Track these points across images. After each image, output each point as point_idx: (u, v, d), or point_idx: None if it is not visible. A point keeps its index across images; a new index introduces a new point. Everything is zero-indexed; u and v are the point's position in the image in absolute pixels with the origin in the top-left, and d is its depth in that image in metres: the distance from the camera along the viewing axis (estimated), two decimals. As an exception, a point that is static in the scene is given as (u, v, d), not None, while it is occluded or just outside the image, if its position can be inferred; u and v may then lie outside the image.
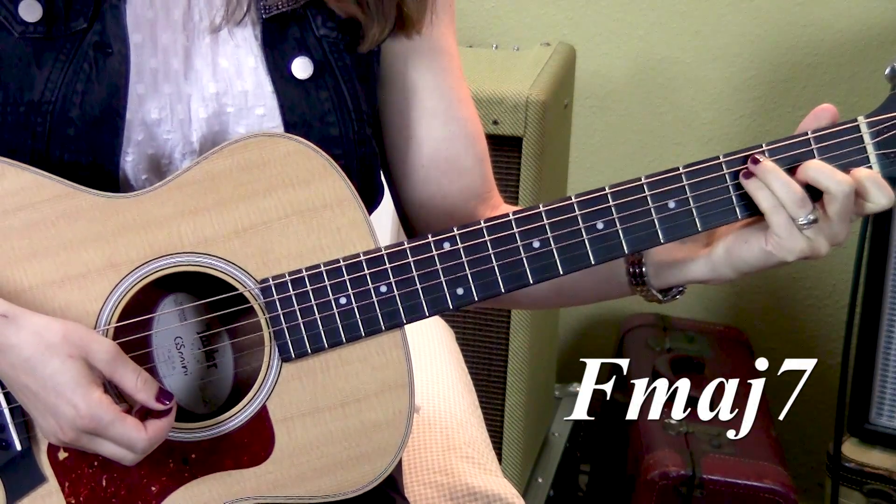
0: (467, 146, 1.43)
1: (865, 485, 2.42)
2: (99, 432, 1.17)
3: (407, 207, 1.46)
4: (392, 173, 1.46)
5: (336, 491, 1.27)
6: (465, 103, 1.44)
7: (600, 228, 1.26)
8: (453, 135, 1.42)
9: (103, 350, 1.18)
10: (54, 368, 1.16)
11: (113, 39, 1.26)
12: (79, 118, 1.24)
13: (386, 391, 1.26)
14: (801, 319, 3.02)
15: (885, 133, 1.24)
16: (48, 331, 1.17)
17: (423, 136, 1.42)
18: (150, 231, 1.23)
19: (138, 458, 1.19)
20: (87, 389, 1.16)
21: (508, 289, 1.26)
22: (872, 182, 1.22)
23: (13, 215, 1.22)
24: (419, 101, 1.42)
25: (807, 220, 1.22)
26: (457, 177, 1.43)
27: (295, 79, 1.31)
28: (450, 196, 1.43)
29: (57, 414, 1.17)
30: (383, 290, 1.25)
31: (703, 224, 1.26)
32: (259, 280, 1.24)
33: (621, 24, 2.94)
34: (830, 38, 2.84)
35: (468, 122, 1.44)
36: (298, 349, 1.25)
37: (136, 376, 1.18)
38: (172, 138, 1.29)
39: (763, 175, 1.23)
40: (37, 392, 1.17)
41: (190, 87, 1.30)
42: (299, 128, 1.30)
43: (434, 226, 1.43)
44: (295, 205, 1.25)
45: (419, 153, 1.42)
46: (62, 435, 1.18)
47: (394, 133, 1.43)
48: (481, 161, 1.45)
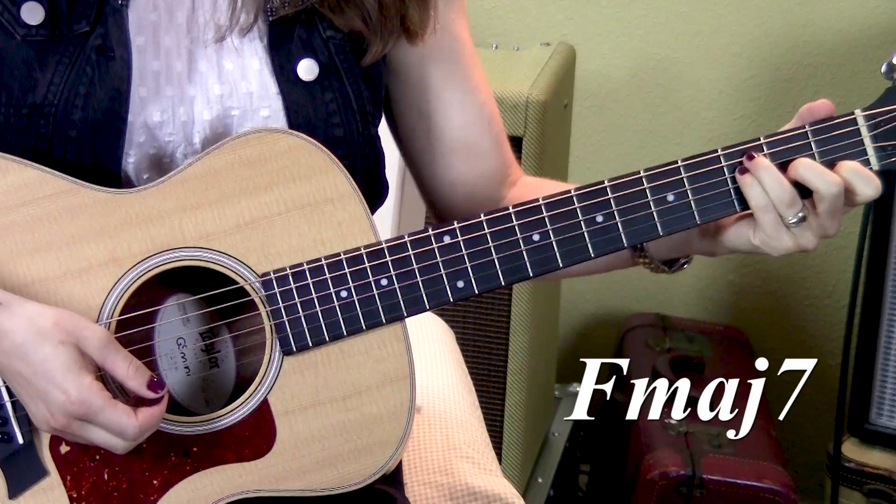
0: (483, 132, 1.46)
1: (865, 485, 2.42)
2: (89, 418, 1.17)
3: (430, 195, 1.49)
4: (413, 163, 1.48)
5: (338, 484, 1.27)
6: (480, 88, 1.46)
7: (599, 221, 1.26)
8: (470, 122, 1.45)
9: (95, 336, 1.18)
10: (46, 354, 1.17)
11: (115, 44, 1.26)
12: (81, 121, 1.25)
13: (387, 384, 1.27)
14: (801, 319, 3.02)
15: (882, 126, 1.25)
16: (41, 317, 1.18)
17: (441, 126, 1.44)
18: (152, 226, 1.24)
19: (129, 445, 1.20)
20: (78, 375, 1.17)
21: (508, 282, 1.27)
22: (857, 176, 1.24)
23: (16, 211, 1.22)
24: (435, 93, 1.43)
25: (796, 219, 1.24)
26: (476, 162, 1.46)
27: (300, 80, 1.31)
28: (470, 181, 1.46)
29: (48, 399, 1.17)
30: (384, 284, 1.26)
31: (701, 217, 1.27)
32: (260, 274, 1.25)
33: (621, 24, 2.94)
34: (830, 37, 2.84)
35: (484, 106, 1.46)
36: (299, 342, 1.25)
37: (127, 363, 1.19)
38: (174, 140, 1.30)
39: (756, 171, 1.24)
40: (28, 378, 1.17)
41: (194, 89, 1.30)
42: (304, 129, 1.30)
43: (457, 210, 1.46)
44: (296, 199, 1.25)
45: (438, 143, 1.45)
46: (53, 421, 1.18)
47: (411, 125, 1.45)
48: (499, 143, 1.48)
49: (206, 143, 1.30)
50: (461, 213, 1.46)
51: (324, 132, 1.31)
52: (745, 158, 1.25)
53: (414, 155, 1.48)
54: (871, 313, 2.42)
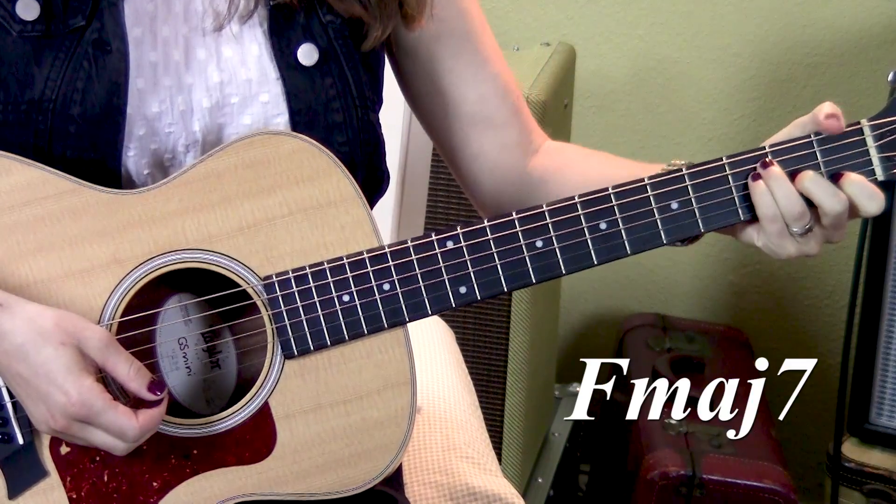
0: (499, 103, 1.46)
1: (865, 485, 2.42)
2: (90, 420, 1.17)
3: (457, 170, 1.50)
4: (436, 139, 1.50)
5: (338, 488, 1.27)
6: (493, 60, 1.46)
7: (603, 228, 1.26)
8: (485, 96, 1.45)
9: (96, 337, 1.18)
10: (47, 355, 1.16)
11: (112, 37, 1.26)
12: (80, 116, 1.24)
13: (388, 389, 1.27)
14: (801, 319, 3.02)
15: (887, 136, 1.25)
16: (41, 318, 1.18)
17: (456, 102, 1.45)
18: (155, 227, 1.24)
19: (129, 447, 1.20)
20: (79, 376, 1.17)
21: (511, 288, 1.26)
22: (862, 191, 1.24)
23: (19, 210, 1.22)
24: (447, 70, 1.44)
25: (801, 230, 1.24)
26: (494, 134, 1.46)
27: (301, 65, 1.31)
28: (492, 153, 1.47)
29: (48, 401, 1.17)
30: (386, 288, 1.25)
31: (705, 225, 1.27)
32: (262, 277, 1.25)
33: (621, 24, 2.94)
34: (830, 37, 2.84)
35: (498, 78, 1.46)
36: (301, 346, 1.25)
37: (128, 365, 1.19)
38: (174, 131, 1.30)
39: (769, 180, 1.24)
40: (28, 379, 1.17)
41: (192, 77, 1.30)
42: (304, 114, 1.30)
43: (483, 182, 1.48)
44: (299, 202, 1.25)
45: (455, 119, 1.46)
46: (53, 422, 1.18)
47: (428, 103, 1.47)
48: (516, 112, 1.48)
49: (207, 132, 1.30)
50: (487, 187, 1.48)
51: (324, 117, 1.31)
52: (760, 165, 1.25)
53: (435, 132, 1.49)
54: (871, 313, 2.42)
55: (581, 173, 1.43)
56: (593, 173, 1.41)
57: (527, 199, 1.45)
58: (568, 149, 1.51)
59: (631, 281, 3.01)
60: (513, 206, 1.38)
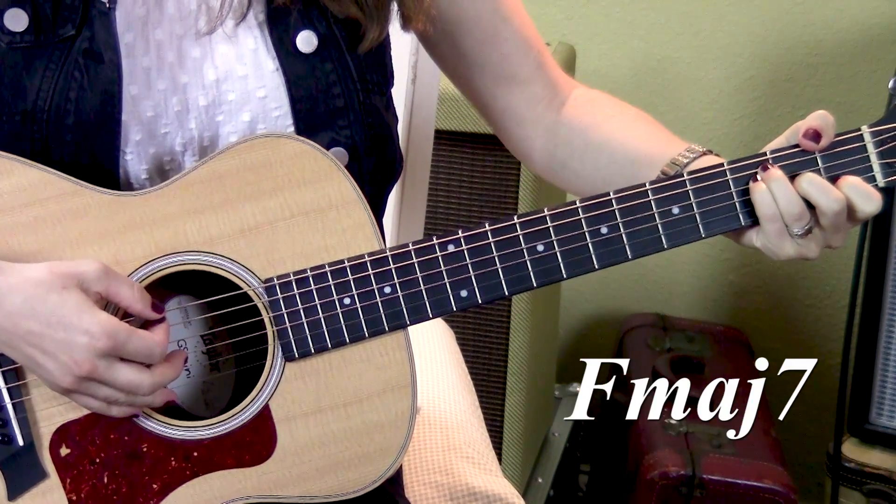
0: (521, 60, 1.48)
1: (865, 485, 2.43)
2: (118, 350, 1.17)
3: (489, 122, 1.52)
4: (468, 97, 1.51)
5: (338, 491, 1.27)
6: (512, 16, 1.47)
7: (604, 233, 1.26)
8: (507, 54, 1.47)
9: (92, 269, 1.18)
10: (54, 303, 1.16)
11: (103, 47, 1.25)
12: (74, 125, 1.24)
13: (388, 392, 1.27)
14: (801, 319, 3.02)
15: (888, 143, 1.25)
16: (33, 271, 1.17)
17: (479, 62, 1.47)
18: (156, 229, 1.24)
19: (154, 383, 1.19)
20: (93, 313, 1.17)
21: (512, 291, 1.26)
22: (858, 192, 1.24)
23: (20, 212, 1.22)
24: (467, 32, 1.45)
25: (801, 231, 1.24)
26: (520, 90, 1.48)
27: (300, 53, 1.31)
28: (519, 109, 1.48)
29: (71, 347, 1.16)
30: (387, 291, 1.25)
31: (706, 230, 1.27)
32: (263, 279, 1.25)
33: (621, 24, 2.94)
34: (831, 37, 2.84)
35: (518, 33, 1.47)
36: (301, 349, 1.25)
37: (130, 287, 1.20)
38: (170, 131, 1.29)
39: (769, 181, 1.24)
40: (42, 333, 1.17)
41: (187, 76, 1.29)
42: (305, 102, 1.30)
43: (514, 137, 1.51)
44: (300, 205, 1.25)
45: (480, 79, 1.48)
46: (78, 368, 1.16)
47: (451, 64, 1.49)
48: (539, 66, 1.49)
49: (204, 130, 1.30)
50: (517, 141, 1.51)
51: (325, 103, 1.31)
52: (761, 169, 1.25)
53: (465, 90, 1.51)
54: (871, 314, 2.42)
55: (605, 136, 1.44)
56: (616, 141, 1.43)
57: (559, 152, 1.47)
58: (596, 102, 1.51)
59: (631, 281, 3.01)
60: (548, 159, 1.43)
